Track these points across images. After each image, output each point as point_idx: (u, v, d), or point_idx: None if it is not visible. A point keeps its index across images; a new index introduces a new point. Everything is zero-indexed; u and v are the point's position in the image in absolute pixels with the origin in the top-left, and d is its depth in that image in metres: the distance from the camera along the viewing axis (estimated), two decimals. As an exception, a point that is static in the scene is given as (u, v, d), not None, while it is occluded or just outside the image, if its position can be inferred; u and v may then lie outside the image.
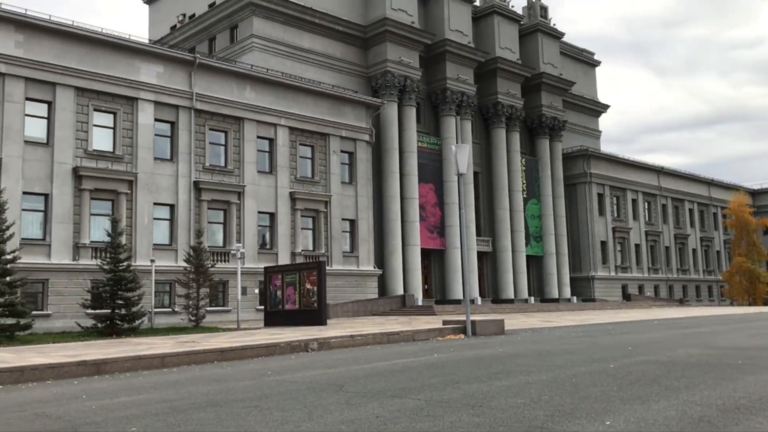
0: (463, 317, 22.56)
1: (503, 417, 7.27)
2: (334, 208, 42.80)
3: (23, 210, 30.39)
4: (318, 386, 10.41)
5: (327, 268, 32.25)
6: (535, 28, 63.08)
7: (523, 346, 16.84)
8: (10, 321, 23.69)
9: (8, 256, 23.96)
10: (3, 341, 22.42)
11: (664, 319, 31.83)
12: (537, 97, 62.24)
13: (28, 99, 31.20)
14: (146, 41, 39.10)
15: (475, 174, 56.61)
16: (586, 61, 75.50)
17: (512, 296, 55.80)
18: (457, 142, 23.77)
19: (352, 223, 44.20)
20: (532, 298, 57.38)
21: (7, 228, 24.24)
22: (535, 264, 61.57)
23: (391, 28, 48.93)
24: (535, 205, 61.25)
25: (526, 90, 61.44)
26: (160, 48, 37.72)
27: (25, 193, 30.64)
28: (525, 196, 59.89)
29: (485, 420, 7.15)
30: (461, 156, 21.81)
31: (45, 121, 31.83)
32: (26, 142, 30.91)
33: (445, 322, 23.08)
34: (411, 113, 50.13)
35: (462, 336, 20.85)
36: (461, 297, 48.95)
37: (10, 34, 30.75)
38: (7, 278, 23.71)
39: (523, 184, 59.80)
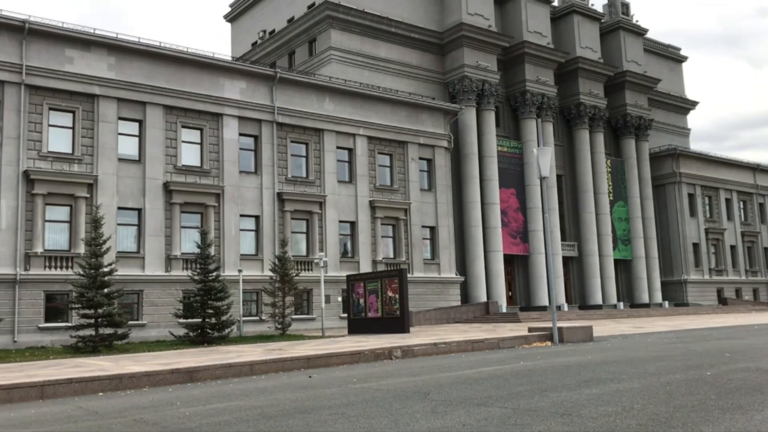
0: (549, 324, 22.08)
1: (593, 426, 7.04)
2: (413, 215, 42.83)
3: (118, 224, 31.89)
4: (403, 394, 10.39)
5: (408, 275, 32.29)
6: (617, 25, 61.32)
7: (613, 353, 16.30)
8: (109, 331, 24.85)
9: (106, 269, 25.15)
10: (102, 350, 23.55)
11: (765, 324, 30.13)
12: (621, 97, 60.39)
13: (120, 118, 32.77)
14: (229, 58, 40.39)
15: (558, 177, 55.41)
16: (671, 57, 72.76)
17: (600, 302, 54.18)
18: (538, 145, 23.31)
19: (433, 230, 44.10)
20: (621, 304, 55.49)
21: (104, 242, 25.45)
22: (624, 268, 59.60)
23: (468, 32, 48.66)
24: (622, 207, 59.35)
25: (609, 89, 59.75)
26: (242, 64, 38.89)
27: (119, 208, 32.15)
28: (611, 198, 58.12)
29: (575, 429, 6.94)
30: (543, 159, 21.37)
31: (136, 139, 33.34)
32: (120, 159, 32.46)
33: (530, 330, 22.63)
34: (490, 117, 49.63)
35: (548, 343, 20.38)
36: (546, 303, 47.94)
37: (102, 57, 32.42)
38: (105, 290, 24.87)
39: (609, 186, 58.07)
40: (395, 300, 28.61)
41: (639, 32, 62.96)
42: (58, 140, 31.09)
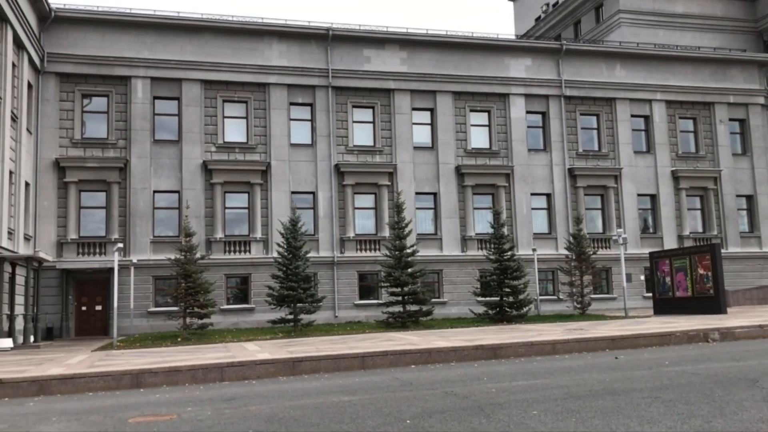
0: None
1: None
2: (725, 184, 38.51)
3: (417, 208, 33.81)
4: (725, 380, 9.40)
5: (722, 250, 29.15)
6: None
7: None
8: (414, 308, 26.54)
9: (408, 250, 26.87)
10: (410, 325, 25.23)
11: None
12: None
13: (413, 109, 34.66)
14: (513, 37, 40.27)
15: None
16: None
17: None
18: None
19: (749, 199, 39.21)
20: None
21: (406, 225, 27.20)
22: None
23: (783, -30, 42.16)
24: None
25: None
26: (527, 42, 38.51)
27: (417, 193, 34.07)
28: None
29: None
30: None
31: (429, 127, 34.98)
32: (415, 147, 34.37)
33: None
34: (817, 65, 42.43)
35: None
36: None
37: (395, 53, 34.55)
38: (409, 270, 26.58)
39: None
40: (707, 278, 26.09)
41: None
42: (361, 134, 33.95)
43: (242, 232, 31.72)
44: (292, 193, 32.18)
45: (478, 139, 35.55)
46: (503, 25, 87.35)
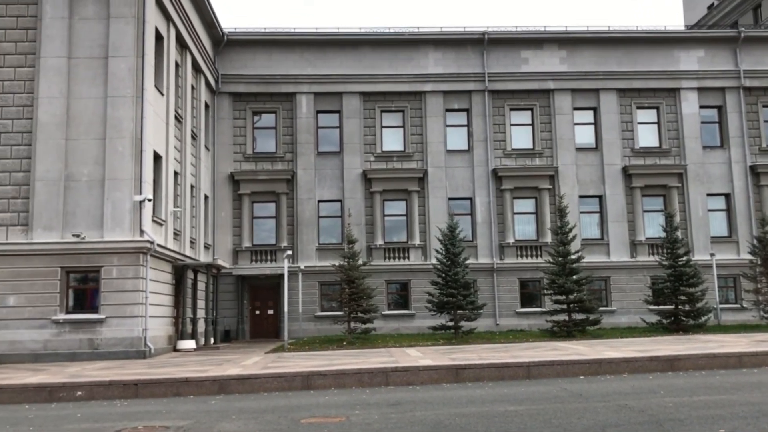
0: None
1: None
2: None
3: (580, 212, 32.47)
4: None
5: None
6: None
7: None
8: (580, 316, 25.51)
9: (573, 256, 25.89)
10: (576, 335, 24.27)
11: None
12: None
13: (575, 109, 33.40)
14: (683, 28, 37.72)
15: None
16: None
17: None
18: None
19: None
20: None
21: (570, 230, 26.24)
22: None
23: None
24: None
25: None
26: (699, 32, 35.86)
27: (580, 196, 32.74)
28: None
29: None
30: None
31: (591, 126, 33.55)
32: (577, 148, 33.08)
33: None
34: None
35: None
36: None
37: (554, 52, 33.53)
38: (574, 276, 25.59)
39: None
40: None
41: None
42: (520, 137, 33.26)
43: (401, 239, 32.20)
44: (449, 199, 32.19)
45: (647, 137, 33.60)
46: (669, 17, 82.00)
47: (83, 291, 21.26)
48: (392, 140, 32.86)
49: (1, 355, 19.86)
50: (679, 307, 25.67)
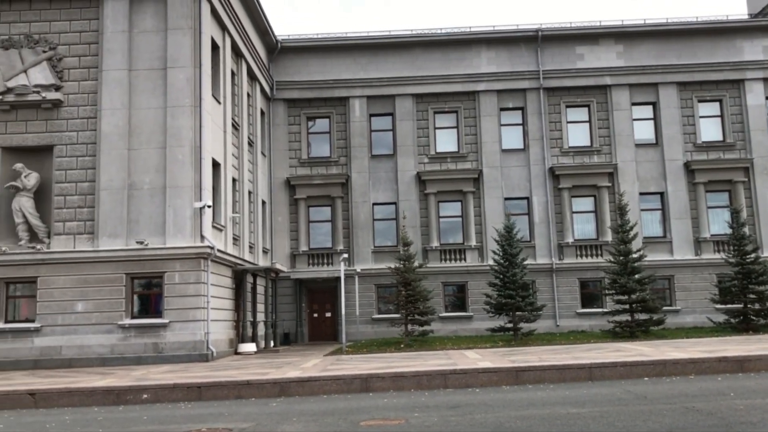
0: None
1: None
2: None
3: (641, 210, 31.65)
4: None
5: None
6: None
7: None
8: (643, 316, 24.86)
9: (635, 255, 25.26)
10: (639, 335, 23.66)
11: None
12: None
13: (633, 104, 32.58)
14: (746, 16, 36.38)
15: None
16: None
17: None
18: None
19: None
20: None
21: (631, 228, 25.60)
22: None
23: None
24: None
25: None
26: (763, 20, 34.47)
27: (641, 193, 31.91)
28: None
29: None
30: None
31: (651, 122, 32.68)
32: (636, 145, 32.27)
33: None
34: None
35: None
36: None
37: (611, 47, 32.79)
38: (636, 276, 24.96)
39: None
40: None
41: None
42: (577, 135, 32.65)
43: (456, 240, 32.00)
44: (505, 199, 31.84)
45: (709, 131, 32.53)
46: (731, 6, 79.00)
47: (147, 296, 21.85)
48: (446, 141, 32.73)
49: (71, 359, 20.62)
50: (749, 306, 24.81)
